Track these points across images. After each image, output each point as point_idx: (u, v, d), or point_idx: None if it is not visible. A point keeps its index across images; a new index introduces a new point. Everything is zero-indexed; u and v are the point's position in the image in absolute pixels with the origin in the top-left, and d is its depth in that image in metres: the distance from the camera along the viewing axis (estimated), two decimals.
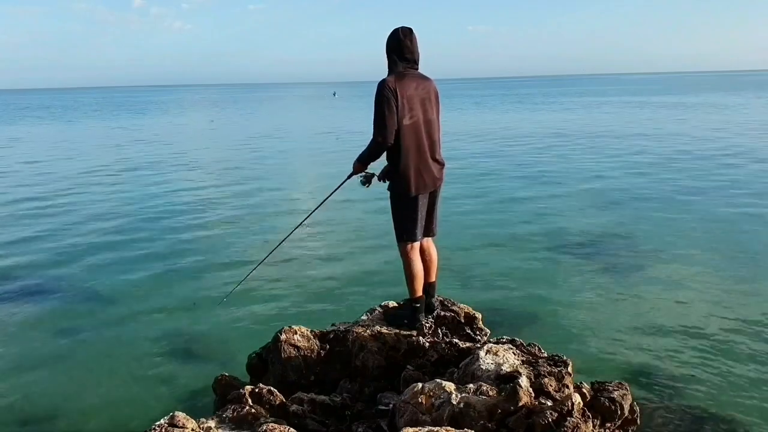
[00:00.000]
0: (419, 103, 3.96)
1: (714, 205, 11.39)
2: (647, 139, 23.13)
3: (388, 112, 3.84)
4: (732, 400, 4.66)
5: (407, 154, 3.95)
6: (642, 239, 9.26)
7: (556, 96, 73.48)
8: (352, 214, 11.39)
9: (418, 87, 3.97)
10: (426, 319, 4.33)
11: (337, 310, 6.45)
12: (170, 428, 3.25)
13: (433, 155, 4.06)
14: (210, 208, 12.53)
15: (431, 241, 4.34)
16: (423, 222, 4.14)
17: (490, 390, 3.34)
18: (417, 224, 4.09)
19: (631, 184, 13.89)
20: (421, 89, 3.98)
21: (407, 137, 3.93)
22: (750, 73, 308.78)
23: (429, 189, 4.09)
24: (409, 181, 3.99)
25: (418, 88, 3.97)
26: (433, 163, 4.04)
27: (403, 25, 4.03)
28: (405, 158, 3.96)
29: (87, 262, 8.83)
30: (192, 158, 21.22)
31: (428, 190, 4.08)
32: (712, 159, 17.30)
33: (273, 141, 26.93)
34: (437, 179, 4.11)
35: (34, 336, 6.27)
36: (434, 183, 4.10)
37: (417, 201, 4.05)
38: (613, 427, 3.51)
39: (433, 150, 4.05)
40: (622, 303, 6.73)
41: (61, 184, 16.13)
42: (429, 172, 4.02)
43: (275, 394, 3.77)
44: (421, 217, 4.10)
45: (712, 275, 7.54)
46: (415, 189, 4.01)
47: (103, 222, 11.40)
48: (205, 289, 7.50)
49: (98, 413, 4.78)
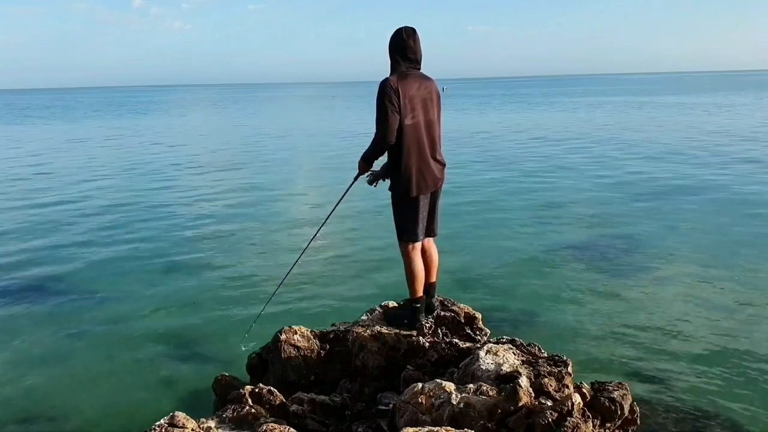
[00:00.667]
0: (421, 104, 3.97)
1: (715, 205, 11.39)
2: (648, 139, 23.12)
3: (390, 110, 3.87)
4: (732, 400, 4.66)
5: (409, 154, 3.96)
6: (642, 239, 9.26)
7: (556, 96, 73.46)
8: (352, 213, 11.38)
9: (420, 87, 3.98)
10: (426, 319, 4.33)
11: (337, 310, 6.46)
12: (170, 428, 3.25)
13: (434, 155, 4.06)
14: (212, 208, 12.53)
15: (432, 242, 4.34)
16: (424, 222, 4.14)
17: (490, 390, 3.34)
18: (418, 224, 4.10)
19: (632, 183, 13.89)
20: (423, 89, 3.99)
21: (409, 137, 3.94)
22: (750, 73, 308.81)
23: (430, 189, 4.09)
24: (411, 181, 4.00)
25: (420, 89, 3.98)
26: (434, 163, 4.05)
27: (406, 25, 4.04)
28: (406, 158, 3.97)
29: (87, 261, 8.83)
30: (194, 158, 21.22)
31: (429, 190, 4.09)
32: (714, 159, 17.30)
33: (275, 140, 26.95)
34: (438, 179, 4.12)
35: (34, 336, 6.27)
36: (435, 183, 4.10)
37: (418, 201, 4.06)
38: (613, 427, 3.51)
39: (434, 150, 4.06)
40: (623, 303, 6.72)
41: (61, 184, 16.14)
42: (430, 173, 4.03)
43: (275, 394, 3.77)
44: (423, 217, 4.11)
45: (713, 275, 7.53)
46: (416, 189, 4.01)
47: (104, 221, 11.40)
48: (206, 289, 7.51)
49: (98, 413, 4.78)
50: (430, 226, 4.24)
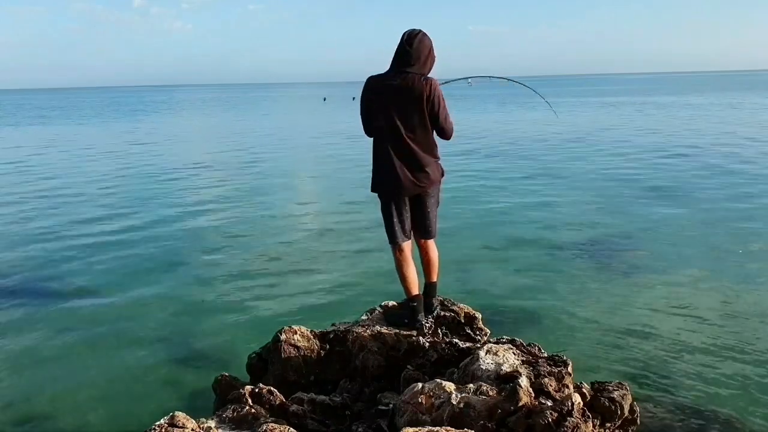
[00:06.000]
0: (395, 106, 3.89)
1: (716, 205, 11.38)
2: (650, 138, 23.12)
3: (362, 106, 4.07)
4: (732, 399, 4.66)
5: (377, 157, 4.03)
6: (643, 239, 9.26)
7: (556, 96, 73.41)
8: (352, 214, 11.39)
9: (398, 89, 3.88)
10: (426, 319, 4.33)
11: (337, 310, 6.45)
12: (170, 428, 3.25)
13: (409, 161, 3.95)
14: (212, 208, 12.52)
15: (431, 242, 4.32)
16: (402, 226, 4.10)
17: (490, 390, 3.34)
18: (393, 227, 4.08)
19: (633, 183, 13.87)
20: (402, 91, 3.88)
21: (378, 141, 4.00)
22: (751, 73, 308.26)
23: (405, 194, 4.03)
24: (380, 185, 4.05)
25: (397, 90, 3.88)
26: (407, 169, 3.95)
27: (413, 29, 3.98)
28: (376, 162, 4.05)
29: (87, 261, 8.82)
30: (196, 158, 21.22)
31: (403, 195, 4.03)
32: (716, 158, 17.29)
33: (278, 140, 26.95)
34: (417, 186, 4.01)
35: (33, 336, 6.27)
36: (412, 188, 4.01)
37: (390, 206, 4.04)
38: (613, 427, 3.51)
39: (410, 155, 3.94)
40: (623, 303, 6.72)
41: (61, 183, 16.14)
42: (400, 178, 3.95)
43: (275, 394, 3.77)
44: (398, 221, 4.07)
45: (713, 275, 7.53)
46: (384, 194, 4.03)
47: (105, 221, 11.39)
48: (206, 289, 7.51)
49: (98, 413, 4.78)
50: (421, 228, 4.19)
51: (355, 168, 16.31)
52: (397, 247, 4.14)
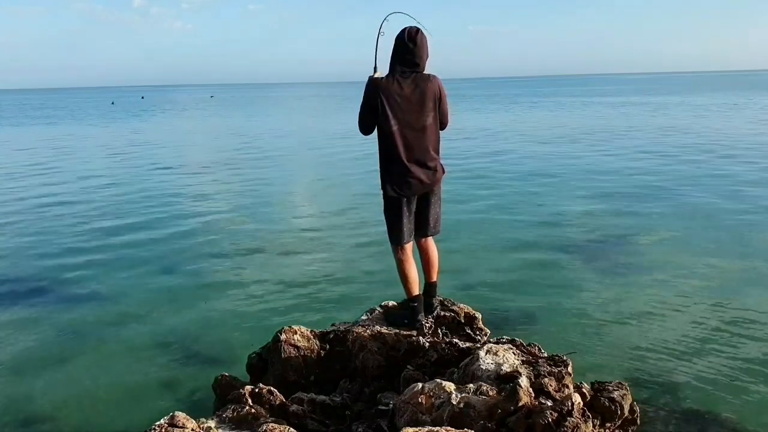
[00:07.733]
0: (409, 107, 3.91)
1: (717, 204, 11.37)
2: (651, 138, 23.11)
3: (366, 107, 3.96)
4: (732, 399, 4.65)
5: (388, 158, 3.98)
6: (643, 239, 9.25)
7: (557, 96, 73.44)
8: (352, 213, 11.39)
9: (412, 91, 3.92)
10: (426, 319, 4.33)
11: (337, 310, 6.45)
12: (170, 428, 3.25)
13: (422, 160, 3.99)
14: (212, 208, 12.52)
15: (431, 241, 4.33)
16: (410, 226, 4.11)
17: (490, 390, 3.34)
18: (402, 228, 4.08)
19: (633, 183, 13.86)
20: (416, 92, 3.92)
21: (389, 141, 3.94)
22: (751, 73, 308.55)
23: (415, 193, 4.05)
24: (392, 185, 4.00)
25: (412, 92, 3.91)
26: (420, 169, 3.98)
27: (411, 26, 3.99)
28: (387, 162, 3.99)
29: (87, 261, 8.82)
30: (197, 158, 21.22)
31: (413, 194, 4.04)
32: (716, 158, 17.29)
33: (276, 140, 26.95)
34: (427, 184, 4.05)
35: (34, 336, 6.27)
36: (423, 187, 4.05)
37: (401, 206, 4.03)
38: (613, 427, 3.51)
39: (422, 155, 3.99)
40: (623, 303, 6.72)
41: (62, 182, 16.15)
42: (414, 178, 3.98)
43: (275, 394, 3.77)
44: (407, 221, 4.08)
45: (714, 275, 7.53)
46: (397, 194, 4.01)
47: (105, 221, 11.40)
48: (206, 289, 7.51)
49: (98, 413, 4.78)
50: (426, 225, 4.21)
51: (356, 168, 16.40)
52: (400, 247, 4.14)
